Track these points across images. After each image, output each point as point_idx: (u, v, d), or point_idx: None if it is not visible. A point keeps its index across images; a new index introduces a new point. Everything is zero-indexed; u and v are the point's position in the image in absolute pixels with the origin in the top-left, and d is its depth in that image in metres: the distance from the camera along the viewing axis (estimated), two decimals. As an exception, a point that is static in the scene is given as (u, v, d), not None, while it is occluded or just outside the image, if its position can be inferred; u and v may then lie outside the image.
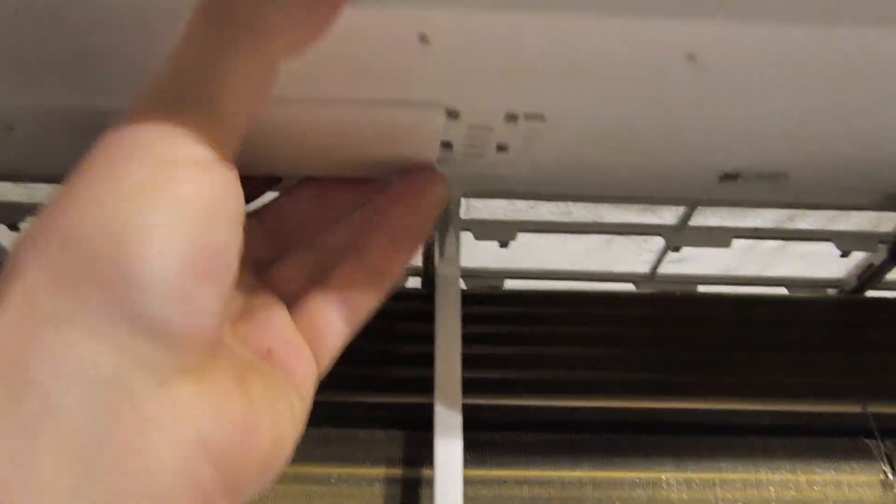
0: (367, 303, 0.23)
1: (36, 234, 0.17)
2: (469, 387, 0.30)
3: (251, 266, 0.23)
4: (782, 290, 0.43)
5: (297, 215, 0.25)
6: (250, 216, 0.24)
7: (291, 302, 0.23)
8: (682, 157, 0.27)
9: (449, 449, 0.28)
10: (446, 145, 0.25)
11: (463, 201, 0.38)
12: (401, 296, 0.39)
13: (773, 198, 0.32)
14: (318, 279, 0.23)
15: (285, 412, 0.20)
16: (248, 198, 0.24)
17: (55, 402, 0.15)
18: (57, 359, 0.15)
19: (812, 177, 0.29)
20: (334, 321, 0.23)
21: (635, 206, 0.38)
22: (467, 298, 0.36)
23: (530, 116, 0.23)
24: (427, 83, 0.21)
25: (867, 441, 0.31)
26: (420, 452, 0.30)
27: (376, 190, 0.25)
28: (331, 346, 0.23)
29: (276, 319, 0.22)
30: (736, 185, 0.29)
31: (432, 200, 0.25)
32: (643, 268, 0.43)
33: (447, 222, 0.33)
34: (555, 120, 0.23)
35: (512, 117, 0.23)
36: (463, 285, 0.43)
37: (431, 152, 0.25)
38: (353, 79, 0.21)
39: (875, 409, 0.32)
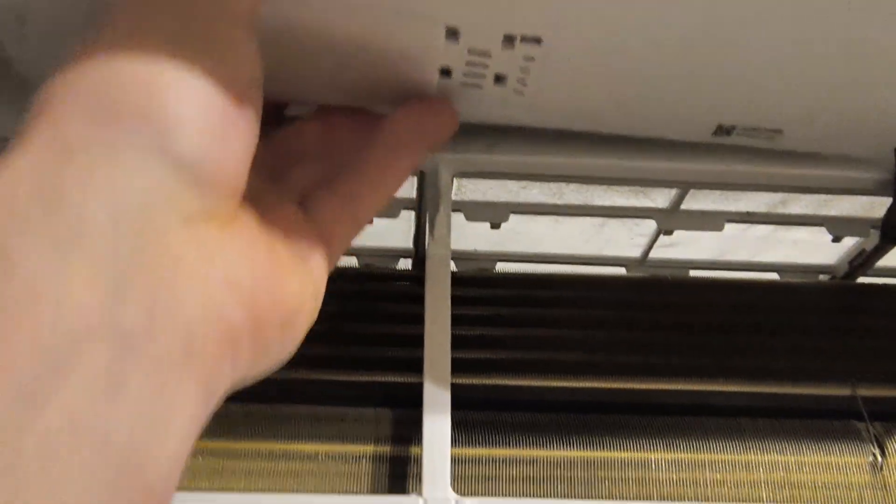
0: (371, 202, 0.24)
1: (67, 69, 0.17)
2: (458, 367, 0.30)
3: (261, 175, 0.24)
4: (774, 276, 0.43)
5: (304, 141, 0.26)
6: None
7: (301, 202, 0.23)
8: (677, 97, 0.26)
9: (437, 427, 0.28)
10: (445, 72, 0.25)
11: (454, 182, 0.37)
12: (392, 277, 0.39)
13: (764, 175, 0.32)
14: (325, 182, 0.24)
15: (308, 282, 0.21)
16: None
17: (87, 224, 0.15)
18: (88, 184, 0.16)
19: (806, 134, 0.28)
20: (341, 217, 0.23)
21: (627, 189, 0.38)
22: (457, 280, 0.36)
23: (527, 39, 0.23)
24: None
25: (857, 423, 0.31)
26: (409, 431, 0.30)
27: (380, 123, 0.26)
28: (339, 241, 0.23)
29: (287, 213, 0.22)
30: (730, 141, 0.29)
31: (433, 119, 0.25)
32: (635, 252, 0.42)
33: (437, 202, 0.33)
34: (551, 45, 0.23)
35: (509, 40, 0.23)
36: (454, 268, 0.43)
37: (431, 74, 0.25)
38: None
39: (865, 392, 0.32)
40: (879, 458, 0.30)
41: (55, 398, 0.14)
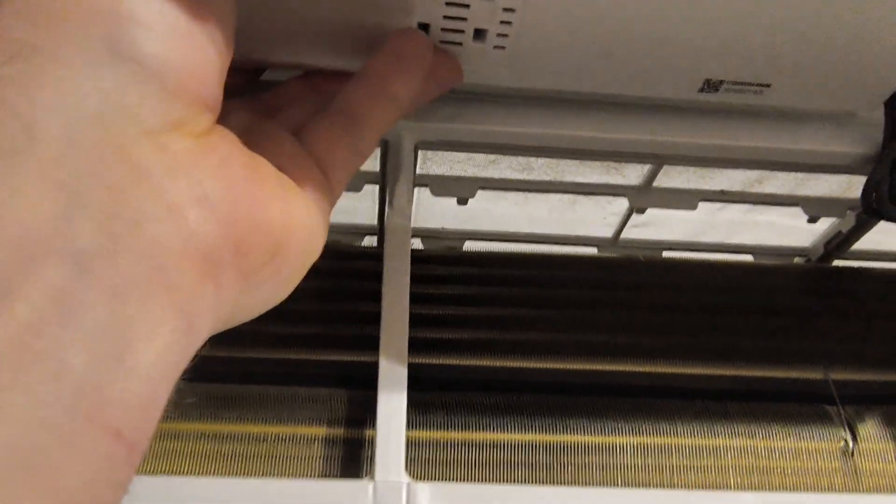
0: (369, 126, 0.22)
1: None
2: (418, 346, 0.29)
3: (251, 113, 0.22)
4: (748, 258, 0.42)
5: (292, 93, 0.24)
6: (240, 99, 0.23)
7: (296, 134, 0.21)
8: (663, 51, 0.25)
9: (392, 407, 0.26)
10: (423, 28, 0.24)
11: (420, 155, 0.36)
12: (353, 254, 0.37)
13: (741, 150, 0.31)
14: (320, 112, 0.22)
15: (298, 208, 0.19)
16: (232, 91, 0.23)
17: (36, 133, 0.14)
18: (35, 90, 0.14)
19: (795, 87, 0.27)
20: (338, 141, 0.21)
21: (599, 165, 0.37)
22: (421, 258, 0.35)
23: None
24: None
25: (828, 407, 0.30)
26: (364, 412, 0.29)
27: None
28: (338, 169, 0.21)
29: (277, 139, 0.20)
30: (717, 98, 0.27)
31: (408, 49, 0.23)
32: (607, 232, 0.41)
33: (398, 172, 0.31)
34: None
35: None
36: (421, 246, 0.42)
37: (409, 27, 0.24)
38: None
39: (837, 375, 0.31)
40: (851, 444, 0.29)
41: None
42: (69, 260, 0.14)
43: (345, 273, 0.34)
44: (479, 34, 0.24)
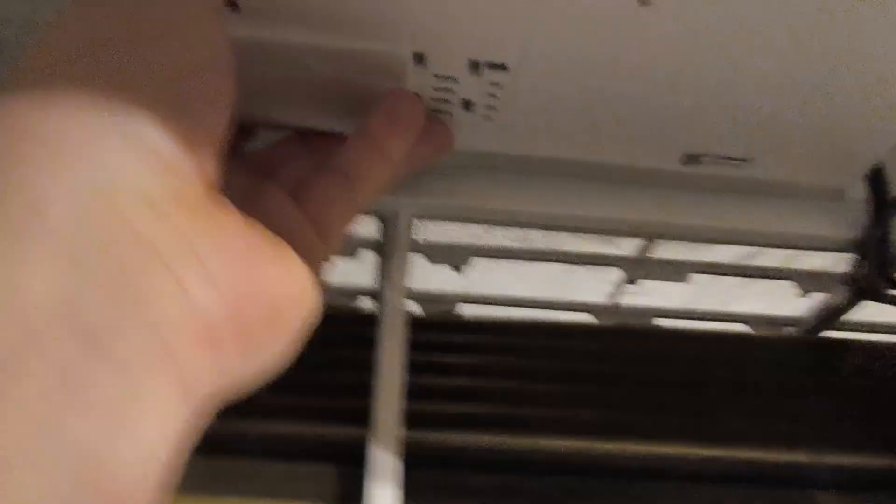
0: (365, 180, 0.23)
1: (20, 64, 0.17)
2: (412, 420, 0.29)
3: (245, 174, 0.23)
4: (742, 327, 0.42)
5: (286, 152, 0.25)
6: (234, 159, 0.24)
7: (294, 191, 0.22)
8: (644, 125, 0.26)
9: (382, 493, 0.26)
10: None
11: (416, 223, 0.36)
12: (347, 320, 0.37)
13: (728, 232, 0.31)
14: (314, 168, 0.23)
15: (294, 269, 0.19)
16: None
17: (43, 206, 0.14)
18: (43, 166, 0.15)
19: (776, 162, 0.28)
20: (334, 196, 0.22)
21: (594, 235, 0.37)
22: (417, 324, 0.35)
23: (493, 66, 0.23)
24: (394, 26, 0.22)
25: (817, 493, 0.30)
26: (353, 489, 0.29)
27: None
28: (333, 225, 0.22)
29: (270, 198, 0.21)
30: (700, 170, 0.28)
31: (402, 109, 0.24)
32: (603, 297, 0.41)
33: (394, 242, 0.31)
34: (517, 71, 0.24)
35: (475, 66, 0.24)
36: (419, 309, 0.42)
37: None
38: (324, 21, 0.22)
39: (828, 459, 0.31)
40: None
41: (8, 398, 0.13)
42: (77, 335, 0.14)
43: (337, 340, 0.34)
44: (468, 104, 0.25)
